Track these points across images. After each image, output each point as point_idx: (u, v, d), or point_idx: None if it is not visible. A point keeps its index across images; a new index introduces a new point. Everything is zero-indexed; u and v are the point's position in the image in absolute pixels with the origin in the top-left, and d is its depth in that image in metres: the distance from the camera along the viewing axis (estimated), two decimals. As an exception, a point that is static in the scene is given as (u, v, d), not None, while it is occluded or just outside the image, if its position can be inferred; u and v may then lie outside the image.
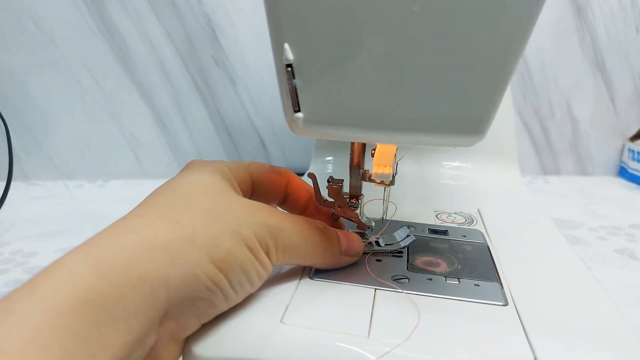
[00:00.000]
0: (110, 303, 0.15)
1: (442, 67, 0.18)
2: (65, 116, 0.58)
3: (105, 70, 0.57)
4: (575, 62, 0.60)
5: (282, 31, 0.18)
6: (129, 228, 0.18)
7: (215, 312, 0.20)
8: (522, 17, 0.17)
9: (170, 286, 0.17)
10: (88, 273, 0.16)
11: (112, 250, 0.17)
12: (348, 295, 0.24)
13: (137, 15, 0.55)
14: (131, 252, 0.17)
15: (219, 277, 0.19)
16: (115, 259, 0.16)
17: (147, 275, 0.17)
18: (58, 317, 0.14)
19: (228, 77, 0.59)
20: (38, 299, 0.14)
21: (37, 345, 0.13)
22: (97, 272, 0.16)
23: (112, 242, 0.17)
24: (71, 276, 0.15)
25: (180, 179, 0.22)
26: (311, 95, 0.20)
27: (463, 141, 0.21)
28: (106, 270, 0.16)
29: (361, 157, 0.27)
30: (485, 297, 0.24)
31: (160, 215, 0.19)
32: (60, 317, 0.14)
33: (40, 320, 0.14)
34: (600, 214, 0.51)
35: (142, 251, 0.17)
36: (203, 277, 0.18)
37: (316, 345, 0.20)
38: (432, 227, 0.33)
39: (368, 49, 0.18)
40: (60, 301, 0.14)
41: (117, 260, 0.16)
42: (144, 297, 0.16)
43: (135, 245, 0.17)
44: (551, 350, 0.20)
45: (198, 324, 0.20)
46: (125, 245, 0.17)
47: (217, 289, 0.19)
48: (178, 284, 0.17)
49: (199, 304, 0.19)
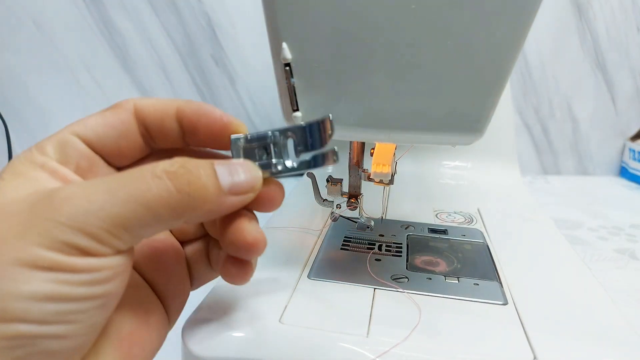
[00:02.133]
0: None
1: (440, 66, 0.18)
2: (64, 115, 0.58)
3: (104, 69, 0.57)
4: (576, 62, 0.60)
5: (280, 30, 0.18)
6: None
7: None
8: (520, 15, 0.17)
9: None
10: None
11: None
12: (347, 294, 0.24)
13: (136, 14, 0.55)
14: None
15: (16, 330, 0.14)
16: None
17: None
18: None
19: (228, 77, 0.59)
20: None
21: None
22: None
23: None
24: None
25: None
26: (309, 94, 0.20)
27: (462, 140, 0.20)
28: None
29: (360, 156, 0.27)
30: (485, 297, 0.24)
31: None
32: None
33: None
34: (600, 214, 0.51)
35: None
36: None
37: (315, 345, 0.20)
38: (432, 226, 0.33)
39: (366, 48, 0.18)
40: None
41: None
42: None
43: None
44: (551, 349, 0.20)
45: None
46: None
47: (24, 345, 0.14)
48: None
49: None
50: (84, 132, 0.19)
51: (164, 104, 0.20)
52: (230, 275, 0.20)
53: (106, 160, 0.20)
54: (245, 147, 0.20)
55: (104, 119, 0.19)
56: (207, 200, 0.17)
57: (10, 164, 0.18)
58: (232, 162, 0.18)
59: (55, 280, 0.14)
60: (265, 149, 0.20)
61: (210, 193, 0.17)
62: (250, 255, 0.19)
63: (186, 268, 0.22)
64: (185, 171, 0.17)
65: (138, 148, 0.20)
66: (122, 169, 0.21)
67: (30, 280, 0.14)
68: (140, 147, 0.20)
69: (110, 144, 0.20)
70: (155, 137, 0.20)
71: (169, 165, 0.16)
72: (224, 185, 0.17)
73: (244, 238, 0.18)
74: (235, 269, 0.19)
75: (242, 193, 0.18)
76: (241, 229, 0.19)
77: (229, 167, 0.18)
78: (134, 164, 0.21)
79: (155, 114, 0.20)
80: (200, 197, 0.17)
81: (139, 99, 0.20)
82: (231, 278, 0.20)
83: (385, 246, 0.30)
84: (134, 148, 0.20)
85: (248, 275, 0.20)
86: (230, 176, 0.18)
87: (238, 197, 0.18)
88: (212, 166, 0.17)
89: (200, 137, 0.20)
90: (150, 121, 0.20)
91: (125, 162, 0.20)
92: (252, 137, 0.20)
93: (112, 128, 0.19)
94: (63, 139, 0.19)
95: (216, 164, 0.18)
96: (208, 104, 0.20)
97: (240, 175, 0.18)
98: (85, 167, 0.19)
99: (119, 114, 0.20)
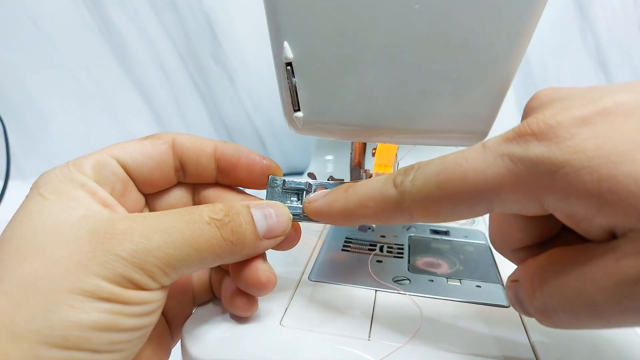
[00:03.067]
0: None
1: (444, 66, 0.18)
2: (63, 115, 0.58)
3: (103, 69, 0.57)
4: (578, 61, 0.60)
5: (281, 29, 0.18)
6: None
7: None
8: (525, 15, 0.17)
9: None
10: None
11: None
12: (348, 297, 0.24)
13: (136, 13, 0.55)
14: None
15: (72, 357, 0.14)
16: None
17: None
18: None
19: (227, 76, 0.59)
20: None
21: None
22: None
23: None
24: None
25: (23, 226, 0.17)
26: (311, 94, 0.20)
27: (465, 141, 0.20)
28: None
29: (362, 157, 0.27)
30: (487, 299, 0.24)
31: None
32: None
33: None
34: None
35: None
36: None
37: (316, 348, 0.20)
38: (434, 227, 0.33)
39: (368, 47, 0.18)
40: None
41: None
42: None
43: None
44: (553, 352, 0.20)
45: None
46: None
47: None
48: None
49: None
50: (123, 157, 0.20)
51: (201, 141, 0.21)
52: (237, 308, 0.21)
53: (137, 187, 0.21)
54: (280, 189, 0.22)
55: (143, 147, 0.20)
56: (246, 246, 0.18)
57: (47, 180, 0.18)
58: (266, 204, 0.20)
59: (111, 311, 0.15)
60: (297, 195, 0.22)
61: (249, 240, 0.18)
62: (261, 293, 0.20)
63: (192, 292, 0.23)
64: (230, 219, 0.18)
65: (168, 179, 0.21)
66: (148, 196, 0.22)
67: (90, 310, 0.15)
68: (170, 179, 0.22)
69: (145, 172, 0.20)
70: (188, 172, 0.22)
71: (214, 213, 0.18)
72: (260, 230, 0.19)
73: (258, 278, 0.19)
74: (243, 303, 0.21)
75: (275, 237, 0.20)
76: (256, 268, 0.20)
77: (263, 212, 0.19)
78: (160, 192, 0.22)
79: (194, 149, 0.21)
80: (241, 243, 0.18)
81: (178, 134, 0.21)
82: (237, 310, 0.21)
83: (387, 247, 0.29)
84: (164, 179, 0.21)
85: (254, 308, 0.21)
86: (265, 220, 0.19)
87: (271, 241, 0.19)
88: (250, 212, 0.19)
89: (238, 176, 0.22)
90: (188, 156, 0.21)
91: (153, 190, 0.22)
92: (289, 183, 0.22)
93: (149, 157, 0.20)
94: (102, 160, 0.19)
95: (252, 208, 0.19)
96: (245, 147, 0.22)
97: (273, 219, 0.19)
98: (119, 190, 0.20)
99: (158, 145, 0.21)
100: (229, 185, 0.23)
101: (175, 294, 0.22)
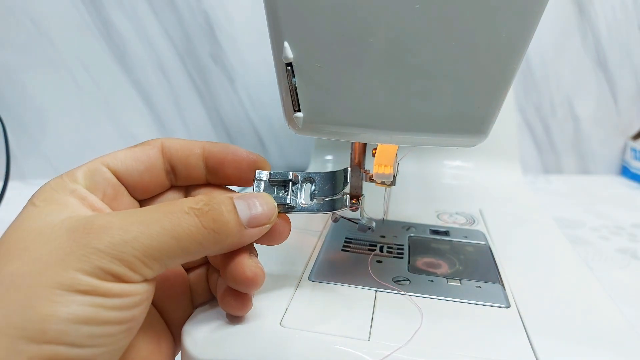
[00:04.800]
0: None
1: (444, 66, 0.18)
2: (62, 115, 0.58)
3: (102, 68, 0.57)
4: (578, 60, 0.60)
5: (281, 29, 0.18)
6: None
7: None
8: (526, 15, 0.17)
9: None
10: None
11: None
12: (348, 297, 0.23)
13: (135, 13, 0.55)
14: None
15: (51, 351, 0.14)
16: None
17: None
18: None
19: (226, 76, 0.59)
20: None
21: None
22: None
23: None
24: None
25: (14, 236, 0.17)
26: (311, 94, 0.20)
27: (465, 141, 0.20)
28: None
29: (362, 157, 0.27)
30: (487, 299, 0.24)
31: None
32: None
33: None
34: (602, 213, 0.51)
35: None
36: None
37: (316, 348, 0.20)
38: (434, 227, 0.33)
39: (369, 47, 0.18)
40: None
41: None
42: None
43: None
44: (553, 352, 0.20)
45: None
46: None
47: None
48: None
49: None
50: (113, 163, 0.20)
51: (190, 143, 0.22)
52: (229, 306, 0.21)
53: (129, 192, 0.21)
54: (267, 183, 0.22)
55: (133, 153, 0.21)
56: (229, 234, 0.18)
57: (41, 190, 0.19)
58: (250, 195, 0.20)
59: (91, 304, 0.15)
60: (284, 187, 0.22)
61: (232, 228, 0.18)
62: (249, 289, 0.20)
63: (190, 293, 0.23)
64: (210, 208, 0.18)
65: (160, 183, 0.22)
66: (143, 201, 0.22)
67: (69, 304, 0.15)
68: (162, 182, 0.22)
69: (136, 177, 0.21)
70: (178, 173, 0.22)
71: (194, 203, 0.18)
72: (243, 219, 0.19)
73: (244, 272, 0.19)
74: (234, 301, 0.20)
75: (259, 225, 0.20)
76: (242, 264, 0.19)
77: (247, 201, 0.19)
78: (154, 197, 0.22)
79: (182, 150, 0.21)
80: (224, 232, 0.18)
81: (167, 139, 0.22)
82: (230, 309, 0.21)
83: (387, 248, 0.29)
84: (156, 182, 0.22)
85: (247, 307, 0.21)
86: (249, 210, 0.19)
87: (256, 230, 0.19)
88: (232, 201, 0.19)
89: (226, 173, 0.22)
90: (177, 158, 0.21)
91: (146, 195, 0.22)
92: (274, 174, 0.22)
93: (139, 162, 0.21)
94: (93, 167, 0.20)
95: (235, 199, 0.19)
96: (232, 145, 0.22)
97: (257, 208, 0.19)
98: (111, 195, 0.20)
99: (147, 150, 0.21)
100: (220, 185, 0.23)
101: (172, 295, 0.22)
